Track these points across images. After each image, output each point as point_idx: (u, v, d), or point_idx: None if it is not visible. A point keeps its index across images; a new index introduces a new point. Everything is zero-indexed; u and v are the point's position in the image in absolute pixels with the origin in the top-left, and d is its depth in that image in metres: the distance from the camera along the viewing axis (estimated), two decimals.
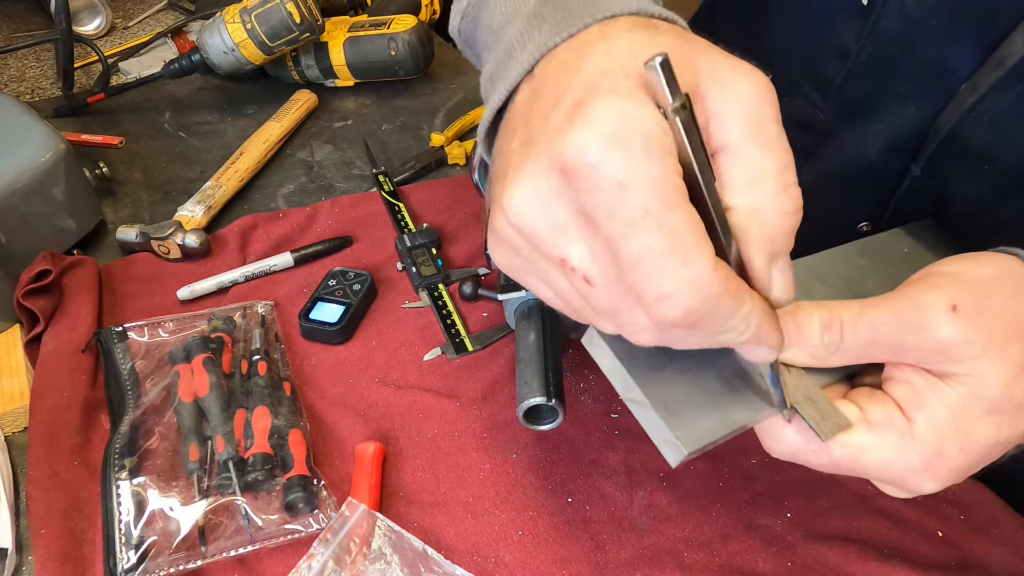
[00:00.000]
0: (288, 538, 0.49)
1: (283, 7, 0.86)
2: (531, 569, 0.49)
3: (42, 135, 0.68)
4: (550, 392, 0.47)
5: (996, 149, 0.51)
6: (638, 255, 0.27)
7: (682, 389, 0.35)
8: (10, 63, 1.02)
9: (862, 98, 0.55)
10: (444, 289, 0.68)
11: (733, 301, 0.28)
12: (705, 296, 0.27)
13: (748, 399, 0.36)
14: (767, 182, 0.30)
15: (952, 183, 0.55)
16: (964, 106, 0.50)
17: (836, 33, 0.54)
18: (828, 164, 0.60)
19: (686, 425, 0.35)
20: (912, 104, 0.53)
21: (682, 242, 0.27)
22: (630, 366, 0.35)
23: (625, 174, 0.27)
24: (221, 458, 0.51)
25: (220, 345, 0.59)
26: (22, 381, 0.58)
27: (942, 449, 0.36)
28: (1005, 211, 0.53)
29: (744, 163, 0.30)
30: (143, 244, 0.70)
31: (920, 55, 0.51)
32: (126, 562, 0.46)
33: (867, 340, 0.36)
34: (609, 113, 0.27)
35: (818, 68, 0.57)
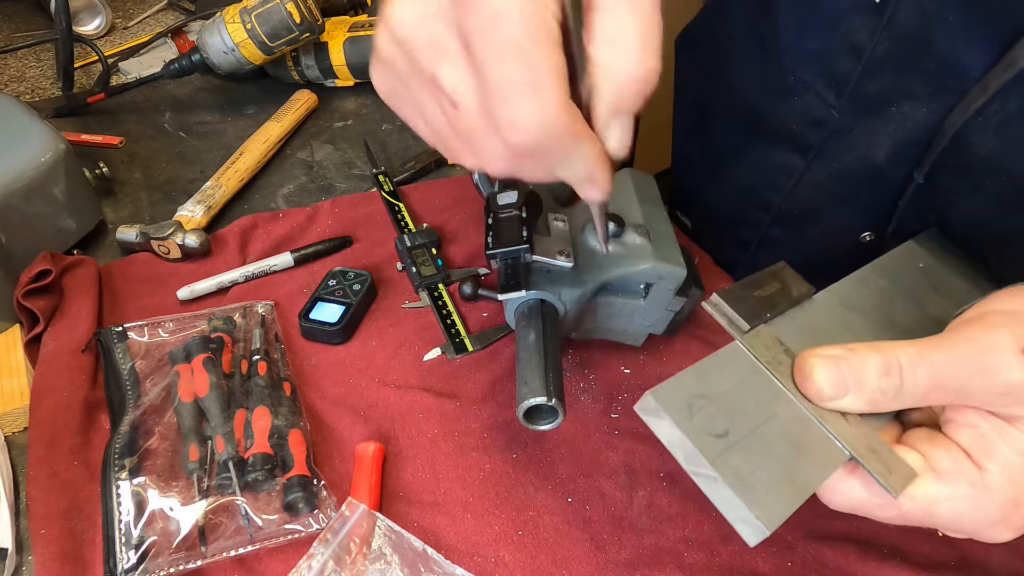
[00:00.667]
0: (288, 538, 0.49)
1: (283, 7, 0.86)
2: (531, 569, 0.49)
3: (42, 135, 0.68)
4: (550, 392, 0.47)
5: (1000, 159, 0.50)
6: (499, 80, 0.29)
7: (750, 456, 0.34)
8: (10, 63, 1.02)
9: (876, 95, 0.55)
10: (444, 289, 0.68)
11: (572, 139, 0.31)
12: (549, 127, 0.30)
13: (814, 455, 0.35)
14: (625, 42, 0.31)
15: (954, 196, 0.54)
16: (972, 108, 0.49)
17: (848, 31, 0.54)
18: (838, 163, 0.60)
19: (763, 501, 0.33)
20: (924, 104, 0.53)
21: (537, 76, 0.29)
22: (691, 433, 0.34)
23: (503, 4, 0.29)
24: (221, 458, 0.51)
25: (220, 345, 0.59)
26: (22, 381, 0.58)
27: (1019, 498, 0.34)
28: (1005, 228, 0.53)
29: (609, 22, 0.31)
30: (143, 244, 0.70)
31: (936, 53, 0.50)
32: (126, 562, 0.46)
33: (929, 385, 0.35)
34: None
35: (830, 66, 0.57)
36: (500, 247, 0.56)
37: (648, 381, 0.61)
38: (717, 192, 0.73)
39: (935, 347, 0.35)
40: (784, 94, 0.61)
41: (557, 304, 0.54)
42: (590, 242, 0.58)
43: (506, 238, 0.56)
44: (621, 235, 0.57)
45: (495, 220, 0.59)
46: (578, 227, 0.59)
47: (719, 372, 0.37)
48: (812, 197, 0.63)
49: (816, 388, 0.35)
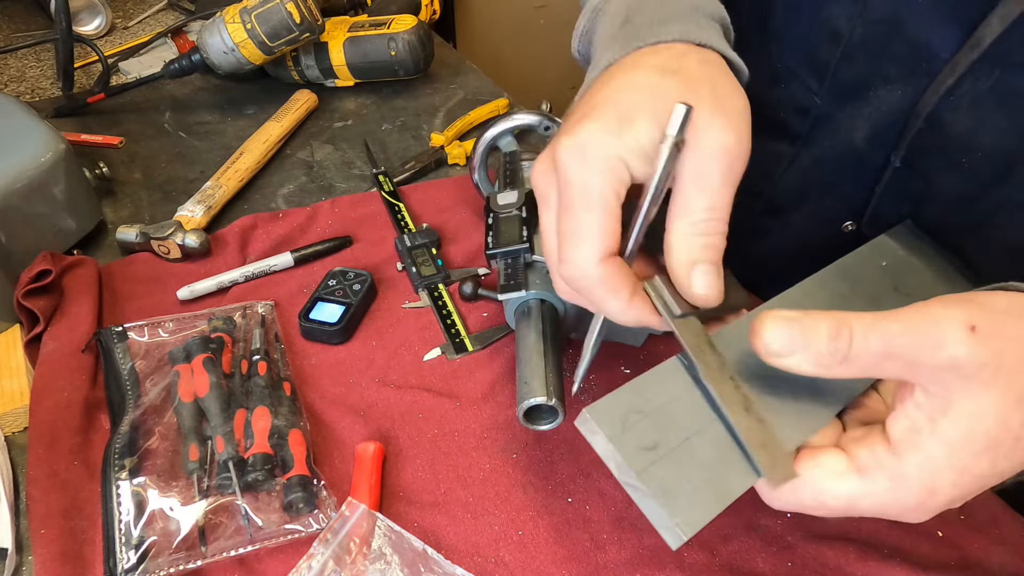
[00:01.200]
0: (288, 538, 0.49)
1: (283, 7, 0.86)
2: (531, 569, 0.49)
3: (42, 135, 0.68)
4: (550, 392, 0.47)
5: (975, 136, 0.52)
6: (561, 228, 0.40)
7: (676, 467, 0.37)
8: (10, 63, 1.02)
9: (854, 80, 0.56)
10: (444, 289, 0.68)
11: (607, 288, 0.39)
12: (583, 275, 0.39)
13: (740, 464, 0.38)
14: (692, 215, 0.40)
15: (933, 177, 0.55)
16: (943, 88, 0.51)
17: (830, 18, 0.56)
18: (821, 148, 0.61)
19: (683, 510, 0.35)
20: (898, 87, 0.54)
21: (582, 233, 0.39)
22: (622, 447, 0.36)
23: (575, 174, 0.39)
24: (221, 458, 0.51)
25: (220, 345, 0.59)
26: (22, 381, 0.58)
27: (935, 486, 0.36)
28: (987, 203, 0.54)
29: (682, 198, 0.40)
30: (143, 244, 0.71)
31: (907, 36, 0.52)
32: (126, 562, 0.46)
33: (880, 351, 0.36)
34: (587, 133, 0.39)
35: (813, 53, 0.58)
36: (500, 247, 0.56)
37: None
38: None
39: (890, 318, 0.36)
40: (773, 81, 0.63)
41: (557, 304, 0.54)
42: None
43: (506, 238, 0.56)
44: None
45: (495, 220, 0.59)
46: None
47: (657, 387, 0.39)
48: (798, 185, 0.65)
49: (764, 343, 0.36)
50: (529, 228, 0.57)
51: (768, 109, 0.64)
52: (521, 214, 0.58)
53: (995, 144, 0.51)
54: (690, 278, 0.40)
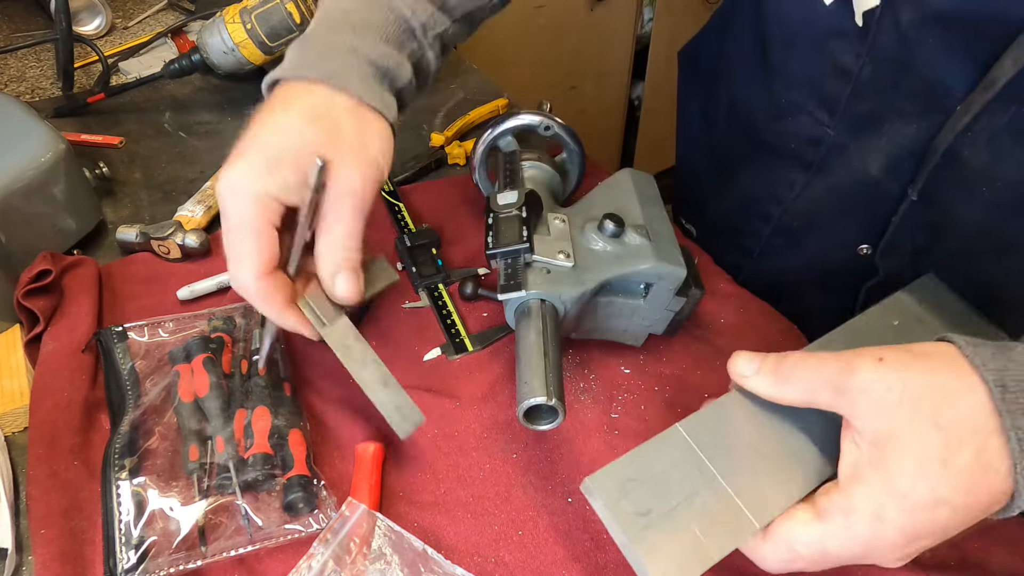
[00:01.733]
0: (288, 538, 0.49)
1: (283, 7, 0.86)
2: (531, 569, 0.49)
3: (42, 135, 0.68)
4: (550, 392, 0.47)
5: (994, 170, 0.52)
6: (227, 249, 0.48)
7: (664, 531, 0.41)
8: (10, 63, 1.02)
9: (868, 114, 0.57)
10: (444, 289, 0.68)
11: (263, 300, 0.49)
12: (244, 288, 0.48)
13: (726, 527, 0.41)
14: (332, 236, 0.49)
15: (951, 207, 0.55)
16: (959, 126, 0.51)
17: (833, 54, 0.56)
18: (836, 177, 0.61)
19: (667, 570, 0.40)
20: (913, 122, 0.54)
21: (240, 256, 0.47)
22: (618, 514, 0.41)
23: (230, 208, 0.48)
24: (221, 458, 0.51)
25: (220, 345, 0.59)
26: (22, 381, 0.58)
27: (883, 514, 0.38)
28: (1008, 233, 0.54)
29: (325, 224, 0.49)
30: (143, 244, 0.70)
31: (919, 73, 0.52)
32: (126, 562, 0.46)
33: (811, 375, 0.41)
34: (239, 174, 0.48)
35: (820, 88, 0.59)
36: (500, 247, 0.56)
37: (648, 381, 0.61)
38: (720, 201, 0.75)
39: (824, 354, 0.42)
40: (779, 115, 0.64)
41: (557, 304, 0.54)
42: (590, 242, 0.58)
43: (506, 238, 0.56)
44: (621, 235, 0.57)
45: (495, 220, 0.59)
46: (578, 227, 0.59)
47: (655, 454, 0.44)
48: (811, 210, 0.66)
49: (735, 368, 0.45)
50: (529, 228, 0.57)
51: (775, 137, 0.65)
52: (521, 214, 0.58)
53: (1015, 175, 0.51)
54: (334, 283, 0.50)
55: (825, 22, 0.56)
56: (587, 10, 1.83)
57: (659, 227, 0.59)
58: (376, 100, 0.51)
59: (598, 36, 1.89)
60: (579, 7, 1.82)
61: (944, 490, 0.37)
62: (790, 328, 0.67)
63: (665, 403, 0.59)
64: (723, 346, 0.63)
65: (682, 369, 0.62)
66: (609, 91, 2.06)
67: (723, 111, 0.74)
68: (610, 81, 2.03)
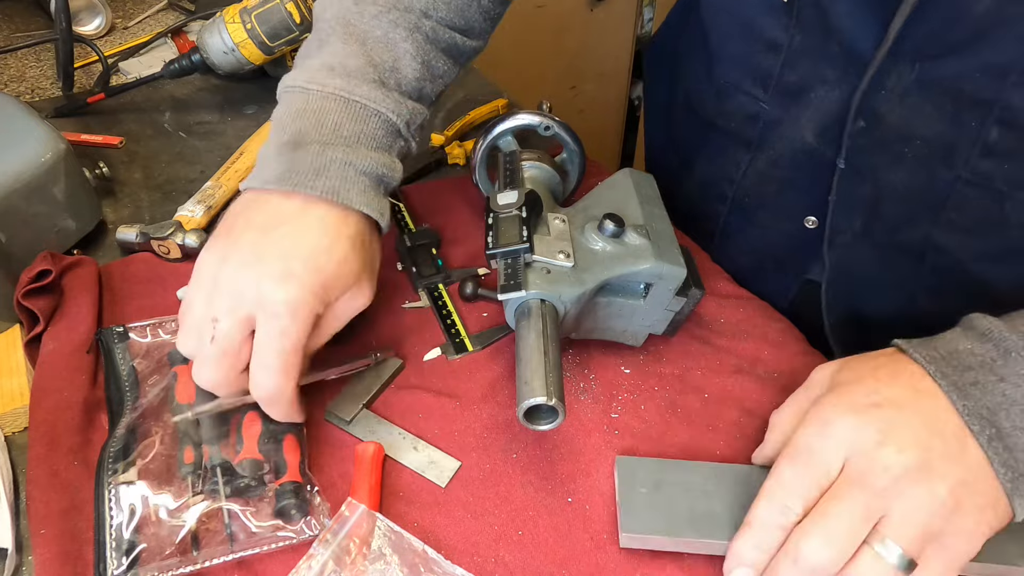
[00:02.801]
0: (279, 544, 0.48)
1: (283, 7, 0.86)
2: (531, 569, 0.49)
3: (42, 135, 0.68)
4: (550, 392, 0.47)
5: (911, 126, 0.55)
6: (271, 359, 0.49)
7: (656, 504, 0.49)
8: (10, 63, 1.02)
9: (798, 84, 0.61)
10: (444, 289, 0.68)
11: (293, 406, 0.52)
12: (281, 396, 0.50)
13: (708, 530, 0.48)
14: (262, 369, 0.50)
15: (879, 173, 0.59)
16: (873, 83, 0.55)
17: (764, 31, 0.61)
18: (775, 150, 0.66)
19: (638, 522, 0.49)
20: (836, 87, 0.58)
21: (285, 368, 0.49)
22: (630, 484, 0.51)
23: (290, 327, 0.49)
24: (210, 463, 0.50)
25: None
26: (22, 381, 0.58)
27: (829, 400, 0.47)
28: (937, 189, 0.57)
29: None
30: (143, 244, 0.70)
31: (839, 39, 0.56)
32: (116, 567, 0.46)
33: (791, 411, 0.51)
34: (299, 291, 0.49)
35: (755, 65, 0.63)
36: (500, 247, 0.56)
37: (648, 381, 0.61)
38: (683, 191, 0.79)
39: None
40: (720, 97, 0.69)
41: (557, 304, 0.54)
42: (590, 242, 0.58)
43: (506, 238, 0.56)
44: (621, 235, 0.57)
45: (495, 220, 0.59)
46: (578, 227, 0.59)
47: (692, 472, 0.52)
48: (758, 185, 0.70)
49: None
50: (529, 228, 0.57)
51: (721, 121, 0.70)
52: (521, 214, 0.58)
53: (930, 131, 0.54)
54: None
55: (755, 1, 0.60)
56: (587, 10, 1.83)
57: (659, 227, 0.59)
58: (375, 212, 0.55)
59: (598, 36, 1.89)
60: (579, 7, 1.82)
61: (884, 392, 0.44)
62: (789, 328, 0.67)
63: (665, 403, 0.59)
64: (723, 346, 0.63)
65: (682, 369, 0.62)
66: (609, 91, 2.06)
67: (680, 104, 0.79)
68: (610, 81, 2.03)
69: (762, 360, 0.63)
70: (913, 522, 0.41)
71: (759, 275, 0.73)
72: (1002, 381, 0.43)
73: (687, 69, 0.76)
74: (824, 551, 0.41)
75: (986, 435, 0.42)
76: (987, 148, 0.53)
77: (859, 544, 0.41)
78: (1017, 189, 0.53)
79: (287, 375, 0.49)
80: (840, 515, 0.41)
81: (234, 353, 0.50)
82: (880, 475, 0.41)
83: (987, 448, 0.41)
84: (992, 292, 0.59)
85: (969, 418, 0.42)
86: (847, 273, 0.66)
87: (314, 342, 0.52)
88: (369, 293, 0.55)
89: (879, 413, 0.43)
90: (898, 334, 0.48)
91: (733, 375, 0.61)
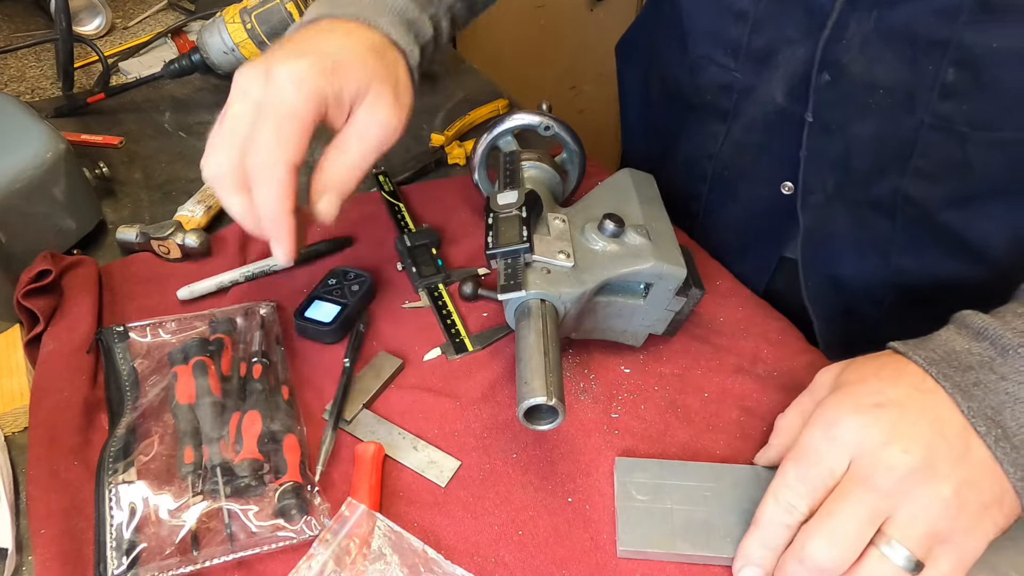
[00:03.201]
0: (279, 545, 0.48)
1: (283, 7, 0.86)
2: (531, 569, 0.49)
3: (42, 135, 0.68)
4: (550, 392, 0.47)
5: (872, 74, 0.57)
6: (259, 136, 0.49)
7: (653, 514, 0.50)
8: (10, 63, 1.02)
9: (764, 49, 0.63)
10: (444, 289, 0.68)
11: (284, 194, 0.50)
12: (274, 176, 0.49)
13: (706, 542, 0.48)
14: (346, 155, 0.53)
15: (847, 126, 0.61)
16: (834, 35, 0.57)
17: (733, 3, 0.64)
18: (748, 116, 0.68)
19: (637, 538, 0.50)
20: (801, 44, 0.60)
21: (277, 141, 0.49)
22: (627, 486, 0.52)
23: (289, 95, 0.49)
24: (210, 464, 0.50)
25: (220, 347, 0.58)
26: (22, 381, 0.58)
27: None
28: (903, 135, 0.58)
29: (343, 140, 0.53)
30: (143, 244, 0.70)
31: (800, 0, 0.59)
32: (116, 567, 0.46)
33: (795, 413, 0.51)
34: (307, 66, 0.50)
35: (724, 36, 0.66)
36: (500, 247, 0.56)
37: (648, 381, 0.61)
38: (666, 172, 0.80)
39: None
40: (694, 72, 0.71)
41: (557, 304, 0.54)
42: (590, 242, 0.58)
43: (506, 238, 0.56)
44: (621, 235, 0.57)
45: (495, 220, 0.59)
46: (578, 227, 0.59)
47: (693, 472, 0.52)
48: (736, 156, 0.72)
49: None
50: (529, 228, 0.57)
51: (697, 96, 0.73)
52: (521, 214, 0.58)
53: (891, 78, 0.56)
54: (320, 198, 0.53)
55: None
56: (587, 10, 1.84)
57: (659, 227, 0.59)
58: (401, 39, 0.56)
59: (598, 36, 1.89)
60: (579, 7, 1.82)
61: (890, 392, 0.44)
62: (789, 327, 0.67)
63: (665, 403, 0.59)
64: (723, 345, 0.63)
65: (682, 369, 0.62)
66: (609, 91, 2.06)
67: (656, 89, 0.82)
68: (610, 81, 2.03)
69: (762, 359, 0.63)
70: (919, 523, 0.41)
71: (741, 254, 0.74)
72: (1003, 380, 0.43)
73: (662, 54, 0.79)
74: (829, 551, 0.41)
75: (992, 436, 0.42)
76: (945, 90, 0.54)
77: (865, 545, 0.41)
78: (976, 129, 0.55)
79: (277, 145, 0.48)
80: (845, 515, 0.41)
81: (241, 136, 0.49)
82: (885, 475, 0.41)
83: (994, 448, 0.41)
84: (962, 243, 0.61)
85: (974, 419, 0.42)
86: (822, 236, 0.67)
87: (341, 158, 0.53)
88: (393, 113, 0.54)
89: (884, 413, 0.43)
90: (875, 297, 0.50)
91: (733, 374, 0.61)
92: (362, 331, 0.63)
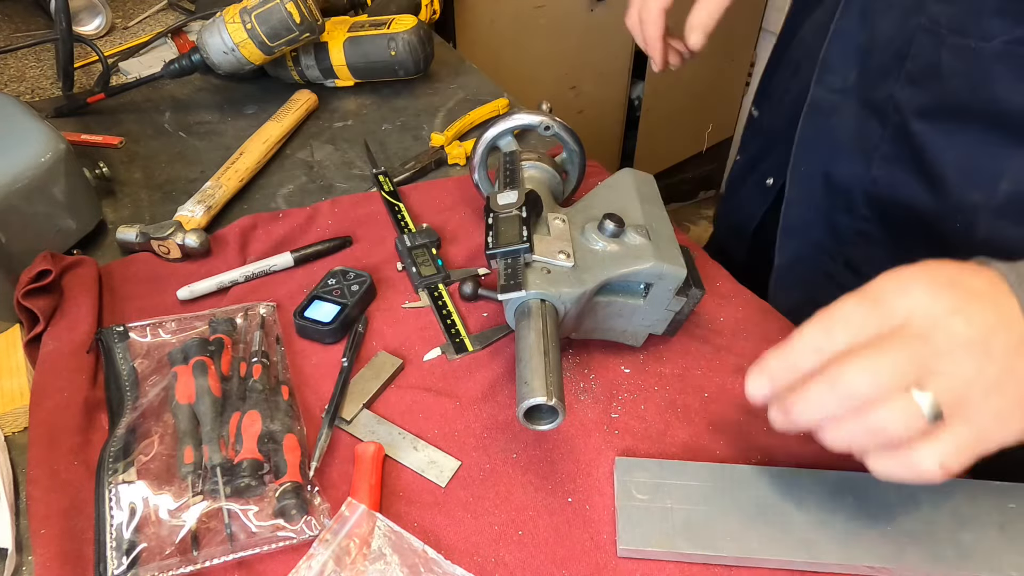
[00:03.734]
0: (279, 545, 0.48)
1: (283, 7, 0.86)
2: (531, 569, 0.49)
3: (42, 135, 0.68)
4: (550, 392, 0.47)
5: None
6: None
7: (653, 513, 0.50)
8: (10, 63, 1.02)
9: None
10: (444, 289, 0.68)
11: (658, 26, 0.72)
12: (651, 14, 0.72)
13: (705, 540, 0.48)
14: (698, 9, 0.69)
15: (875, 19, 0.63)
16: None
17: None
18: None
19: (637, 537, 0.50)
20: None
21: None
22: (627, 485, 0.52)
23: None
24: (210, 463, 0.50)
25: (220, 347, 0.58)
26: (22, 381, 0.58)
27: None
28: (904, 40, 0.61)
29: None
30: (143, 244, 0.70)
31: None
32: (116, 567, 0.46)
33: None
34: None
35: None
36: (500, 247, 0.56)
37: (648, 381, 0.61)
38: None
39: None
40: None
41: (557, 304, 0.54)
42: (590, 242, 0.58)
43: (506, 238, 0.56)
44: (621, 235, 0.57)
45: (495, 220, 0.59)
46: (578, 227, 0.59)
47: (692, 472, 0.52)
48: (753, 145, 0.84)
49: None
50: (529, 228, 0.57)
51: None
52: (521, 214, 0.58)
53: None
54: (690, 34, 0.69)
55: None
56: (587, 10, 1.83)
57: (659, 227, 0.59)
58: None
59: (598, 36, 1.89)
60: (579, 7, 1.82)
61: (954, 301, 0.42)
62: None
63: (665, 403, 0.59)
64: (723, 346, 0.63)
65: (682, 369, 0.62)
66: (609, 91, 2.06)
67: None
68: (610, 81, 2.03)
69: None
70: (957, 387, 0.41)
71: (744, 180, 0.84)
72: None
73: None
74: (867, 380, 0.40)
75: None
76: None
77: (900, 390, 0.41)
78: (952, 33, 0.57)
79: None
80: (893, 354, 0.41)
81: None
82: (942, 337, 0.41)
83: None
84: (923, 162, 0.63)
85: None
86: (827, 127, 0.69)
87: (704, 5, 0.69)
88: None
89: (957, 291, 0.43)
90: (851, 204, 0.59)
91: (733, 374, 0.61)
92: (361, 331, 0.63)
